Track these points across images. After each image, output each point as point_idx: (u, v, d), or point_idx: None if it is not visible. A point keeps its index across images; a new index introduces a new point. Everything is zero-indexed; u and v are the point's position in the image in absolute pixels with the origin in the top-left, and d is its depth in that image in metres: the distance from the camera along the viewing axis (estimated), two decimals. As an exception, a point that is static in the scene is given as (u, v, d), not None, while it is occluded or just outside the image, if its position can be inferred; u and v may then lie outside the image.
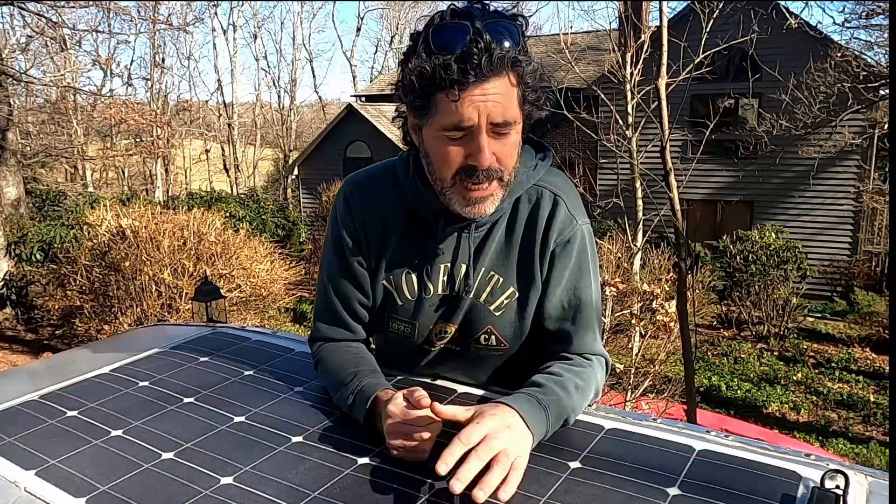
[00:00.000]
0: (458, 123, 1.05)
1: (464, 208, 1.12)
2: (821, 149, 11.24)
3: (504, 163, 1.10)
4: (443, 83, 1.02)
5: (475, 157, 1.06)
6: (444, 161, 1.10)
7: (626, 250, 6.85)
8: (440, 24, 1.04)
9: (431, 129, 1.09)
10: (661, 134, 5.22)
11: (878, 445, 7.50)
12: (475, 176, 1.08)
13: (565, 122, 8.32)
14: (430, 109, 1.07)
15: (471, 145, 1.06)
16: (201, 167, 30.23)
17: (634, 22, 7.46)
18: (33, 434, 1.13)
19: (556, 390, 1.09)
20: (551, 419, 1.04)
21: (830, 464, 0.98)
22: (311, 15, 59.45)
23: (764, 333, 11.01)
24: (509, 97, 1.06)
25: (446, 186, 1.12)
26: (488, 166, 1.07)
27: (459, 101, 1.03)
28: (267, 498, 0.93)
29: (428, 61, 1.03)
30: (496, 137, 1.07)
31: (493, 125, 1.05)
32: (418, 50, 1.04)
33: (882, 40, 10.05)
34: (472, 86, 1.02)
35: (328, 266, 1.29)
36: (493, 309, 1.23)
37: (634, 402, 5.51)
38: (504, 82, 1.04)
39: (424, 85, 1.05)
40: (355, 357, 1.24)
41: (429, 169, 1.15)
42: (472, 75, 1.01)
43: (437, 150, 1.10)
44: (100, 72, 35.43)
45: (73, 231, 9.85)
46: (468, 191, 1.10)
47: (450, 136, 1.07)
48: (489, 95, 1.03)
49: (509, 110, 1.06)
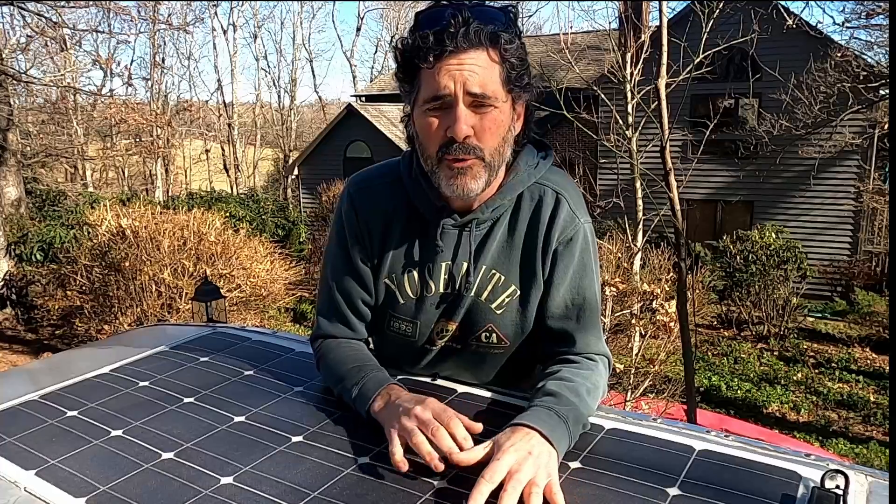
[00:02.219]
0: (436, 92, 1.07)
1: (448, 183, 1.13)
2: (821, 149, 11.25)
3: (484, 140, 1.10)
4: (420, 54, 1.06)
5: (452, 128, 1.08)
6: (427, 135, 1.12)
7: (626, 250, 6.85)
8: (428, 8, 1.09)
9: (417, 108, 1.12)
10: (661, 134, 5.22)
11: (878, 445, 7.50)
12: (453, 149, 1.10)
13: (565, 122, 8.32)
14: (414, 87, 1.11)
15: (449, 117, 1.08)
16: (201, 167, 30.24)
17: (634, 22, 7.46)
18: (33, 434, 1.13)
19: (570, 398, 1.08)
20: (571, 429, 1.03)
21: (830, 464, 0.98)
22: (311, 15, 59.42)
23: (764, 333, 11.01)
24: (489, 71, 1.08)
25: (434, 165, 1.13)
26: (465, 138, 1.09)
27: (435, 69, 1.06)
28: (267, 498, 0.93)
29: (410, 37, 1.08)
30: (475, 111, 1.09)
31: (472, 96, 1.07)
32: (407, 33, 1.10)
33: (882, 40, 10.05)
34: (448, 55, 1.05)
35: (332, 264, 1.30)
36: (494, 307, 1.23)
37: (634, 402, 5.51)
38: (483, 56, 1.07)
39: (406, 60, 1.09)
40: (359, 354, 1.25)
41: (419, 152, 1.17)
42: (448, 44, 1.05)
43: (421, 126, 1.12)
44: (100, 72, 35.46)
45: (73, 231, 9.86)
46: (451, 164, 1.11)
47: (431, 109, 1.09)
48: (466, 66, 1.06)
49: (489, 84, 1.08)
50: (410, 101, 1.14)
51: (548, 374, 1.16)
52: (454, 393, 1.25)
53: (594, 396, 1.14)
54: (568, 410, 1.05)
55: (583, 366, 1.19)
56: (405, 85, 1.14)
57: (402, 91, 1.16)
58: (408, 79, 1.12)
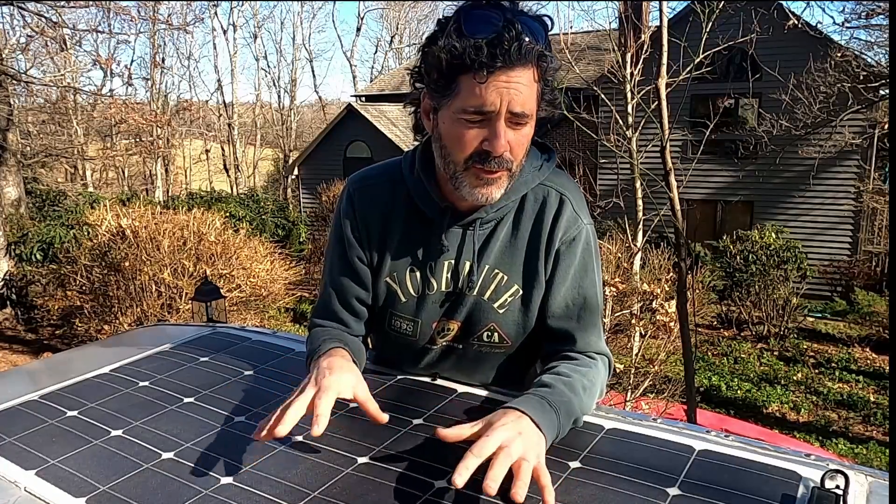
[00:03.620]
0: (481, 107, 1.06)
1: (473, 190, 1.13)
2: (821, 149, 11.24)
3: (515, 153, 1.11)
4: (472, 64, 1.03)
5: (491, 143, 1.08)
6: (459, 143, 1.10)
7: (626, 250, 6.85)
8: (473, 8, 1.06)
9: (450, 111, 1.10)
10: (661, 134, 5.22)
11: (878, 445, 7.50)
12: (488, 162, 1.09)
13: (565, 122, 8.32)
14: (452, 91, 1.08)
15: (488, 130, 1.08)
16: (201, 167, 30.24)
17: (634, 22, 7.46)
18: (33, 434, 1.13)
19: (564, 391, 1.09)
20: (562, 420, 1.04)
21: (830, 464, 0.99)
22: (311, 15, 59.53)
23: (764, 333, 11.01)
24: (531, 90, 1.07)
25: (458, 170, 1.13)
26: (502, 154, 1.09)
27: (485, 84, 1.04)
28: (267, 498, 0.93)
29: (458, 41, 1.04)
30: (512, 127, 1.08)
31: (512, 114, 1.07)
32: (448, 31, 1.05)
33: (882, 40, 10.05)
34: (498, 71, 1.04)
35: (329, 261, 1.31)
36: (496, 306, 1.23)
37: (634, 402, 5.51)
38: (528, 74, 1.06)
39: (452, 64, 1.06)
40: (335, 335, 1.25)
41: (441, 153, 1.15)
42: (501, 60, 1.03)
43: (454, 132, 1.11)
44: (100, 72, 35.46)
45: (73, 231, 9.85)
46: (480, 173, 1.11)
47: (469, 120, 1.08)
48: (513, 83, 1.05)
49: (528, 103, 1.08)
50: (440, 101, 1.11)
51: (546, 370, 1.17)
52: (454, 393, 1.25)
53: (590, 393, 1.15)
54: (560, 402, 1.05)
55: (581, 363, 1.19)
56: (435, 83, 1.10)
57: (428, 86, 1.12)
58: (444, 81, 1.08)
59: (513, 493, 0.87)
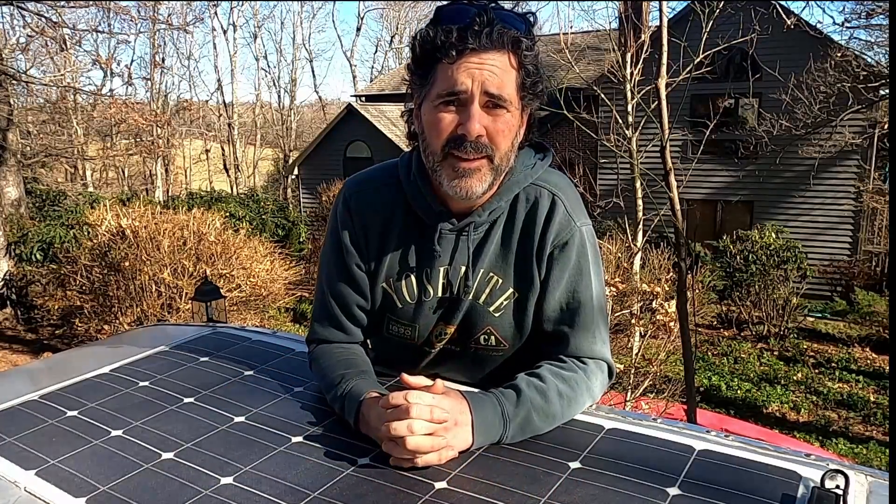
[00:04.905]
0: (453, 88, 1.07)
1: (451, 182, 1.12)
2: (821, 149, 11.24)
3: (495, 141, 1.10)
4: (442, 47, 1.05)
5: (465, 126, 1.08)
6: (435, 129, 1.11)
7: (626, 250, 6.85)
8: (451, 3, 1.09)
9: (428, 101, 1.11)
10: (661, 134, 5.22)
11: (878, 445, 7.50)
12: (463, 146, 1.09)
13: (565, 122, 8.32)
14: (428, 80, 1.10)
15: (462, 115, 1.08)
16: (201, 167, 30.24)
17: (634, 22, 7.46)
18: (33, 434, 1.13)
19: (532, 398, 1.08)
20: (509, 433, 1.05)
21: (830, 464, 0.98)
22: (311, 15, 59.44)
23: (764, 333, 11.01)
24: (507, 74, 1.08)
25: (437, 160, 1.12)
26: (477, 137, 1.08)
27: (455, 64, 1.06)
28: (267, 498, 0.93)
29: (432, 30, 1.07)
30: (489, 112, 1.09)
31: (488, 95, 1.07)
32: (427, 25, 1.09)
33: (882, 40, 10.05)
34: (469, 52, 1.05)
35: (326, 268, 1.29)
36: (492, 310, 1.22)
37: (634, 402, 5.50)
38: (503, 59, 1.07)
39: (425, 51, 1.08)
40: (346, 359, 1.24)
41: (423, 147, 1.16)
42: (471, 42, 1.04)
43: (430, 120, 1.11)
44: (100, 72, 35.46)
45: (73, 231, 9.85)
46: (456, 162, 1.11)
47: (444, 103, 1.09)
48: (486, 66, 1.06)
49: (505, 87, 1.08)
50: (421, 95, 1.13)
51: (529, 370, 1.17)
52: (454, 393, 1.24)
53: (567, 399, 1.13)
54: (517, 414, 1.06)
55: (567, 367, 1.18)
56: (417, 77, 1.13)
57: (412, 84, 1.15)
58: (422, 71, 1.11)
59: (423, 460, 0.97)
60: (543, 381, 1.12)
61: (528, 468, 0.99)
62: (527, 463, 1.01)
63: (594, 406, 1.21)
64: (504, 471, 0.99)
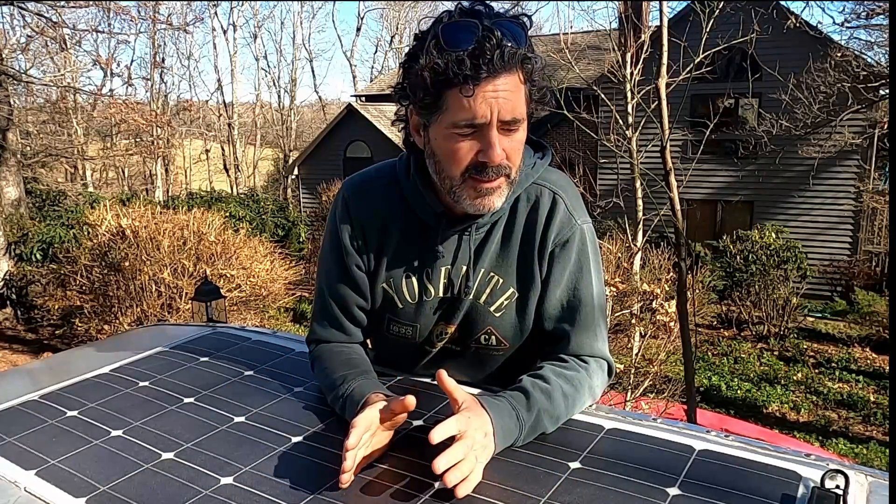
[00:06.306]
0: (472, 120, 1.05)
1: (473, 201, 1.12)
2: (821, 149, 11.24)
3: (512, 159, 1.10)
4: (456, 79, 1.02)
5: (486, 154, 1.07)
6: (454, 158, 1.09)
7: (626, 250, 6.85)
8: (450, 22, 1.05)
9: (440, 126, 1.09)
10: (661, 134, 5.22)
11: (878, 445, 7.50)
12: (485, 172, 1.09)
13: (565, 122, 8.32)
14: (439, 107, 1.07)
15: (481, 142, 1.07)
16: (201, 167, 30.23)
17: (634, 22, 7.46)
18: (33, 434, 1.13)
19: (540, 401, 1.08)
20: (522, 435, 1.05)
21: (830, 464, 0.98)
22: (311, 15, 59.43)
23: (764, 333, 11.01)
24: (518, 94, 1.07)
25: (456, 184, 1.12)
26: (499, 163, 1.08)
27: (473, 96, 1.03)
28: (267, 498, 0.93)
29: (440, 57, 1.03)
30: (505, 134, 1.08)
31: (503, 122, 1.06)
32: (427, 48, 1.04)
33: (882, 40, 10.05)
34: (484, 81, 1.02)
35: (326, 269, 1.29)
36: (493, 310, 1.22)
37: (634, 402, 5.50)
38: (514, 79, 1.05)
39: (436, 81, 1.04)
40: (347, 359, 1.24)
41: (435, 168, 1.14)
42: (485, 70, 1.01)
43: (446, 148, 1.09)
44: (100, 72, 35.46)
45: (73, 231, 9.85)
46: (478, 184, 1.10)
47: (460, 133, 1.07)
48: (500, 92, 1.04)
49: (518, 107, 1.07)
50: (428, 119, 1.10)
51: (531, 371, 1.17)
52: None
53: (571, 399, 1.13)
54: (529, 417, 1.06)
55: (569, 366, 1.18)
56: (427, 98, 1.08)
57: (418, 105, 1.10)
58: (432, 99, 1.07)
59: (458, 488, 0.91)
60: (548, 383, 1.12)
61: (528, 468, 0.99)
62: (527, 463, 1.01)
63: (594, 406, 1.21)
64: (504, 471, 0.99)
